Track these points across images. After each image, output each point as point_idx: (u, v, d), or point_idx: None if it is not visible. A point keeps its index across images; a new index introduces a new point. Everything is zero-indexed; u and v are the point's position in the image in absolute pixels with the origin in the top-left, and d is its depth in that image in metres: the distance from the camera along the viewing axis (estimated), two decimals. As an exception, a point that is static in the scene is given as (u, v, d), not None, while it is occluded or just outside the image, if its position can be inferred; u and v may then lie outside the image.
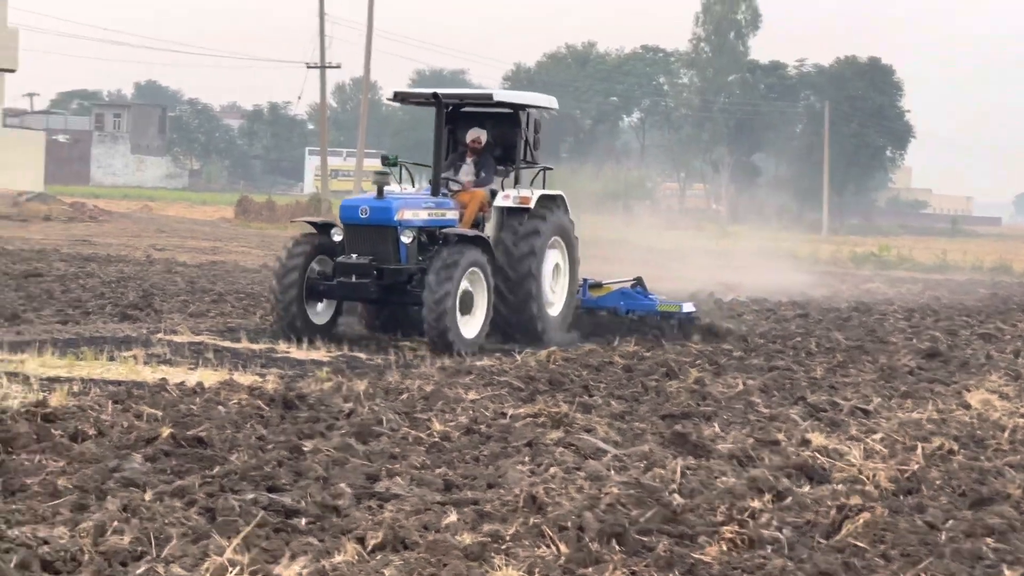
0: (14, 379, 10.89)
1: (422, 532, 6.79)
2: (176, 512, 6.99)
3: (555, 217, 15.25)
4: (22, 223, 41.05)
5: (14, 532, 6.45)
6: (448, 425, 9.81)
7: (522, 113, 15.48)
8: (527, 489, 7.70)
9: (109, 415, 9.42)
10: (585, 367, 13.23)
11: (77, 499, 7.23)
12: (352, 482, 7.94)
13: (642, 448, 9.16)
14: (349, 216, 14.11)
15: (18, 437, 8.55)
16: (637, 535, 6.88)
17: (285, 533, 6.79)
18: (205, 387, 10.84)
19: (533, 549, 6.53)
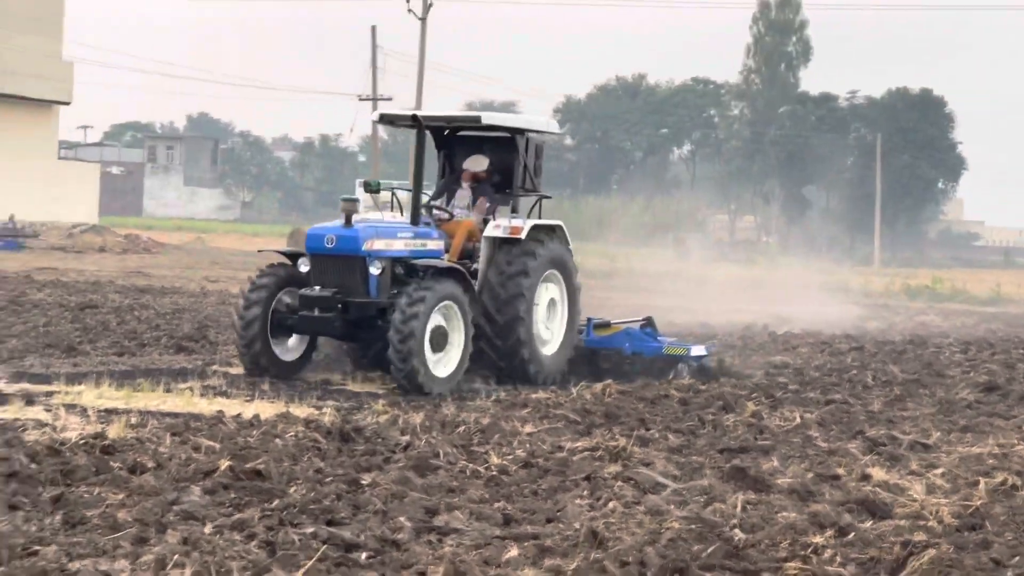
0: (72, 411, 10.97)
1: (483, 567, 6.75)
2: (236, 545, 6.97)
3: (550, 249, 14.21)
4: (77, 255, 41.51)
5: (76, 565, 6.44)
6: (506, 458, 9.80)
7: (520, 137, 14.43)
8: (587, 523, 7.65)
9: (167, 447, 9.44)
10: (641, 400, 13.14)
11: (137, 532, 7.21)
12: (411, 515, 7.90)
13: (701, 482, 9.11)
14: (315, 245, 13.09)
15: (77, 469, 8.60)
16: (699, 570, 6.79)
17: (345, 567, 6.76)
18: (262, 419, 10.86)
19: None
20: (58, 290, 25.73)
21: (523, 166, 14.35)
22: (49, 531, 7.16)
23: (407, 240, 13.42)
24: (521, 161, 14.34)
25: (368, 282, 12.97)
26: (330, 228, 13.17)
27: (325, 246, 12.92)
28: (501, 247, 13.80)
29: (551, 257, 14.12)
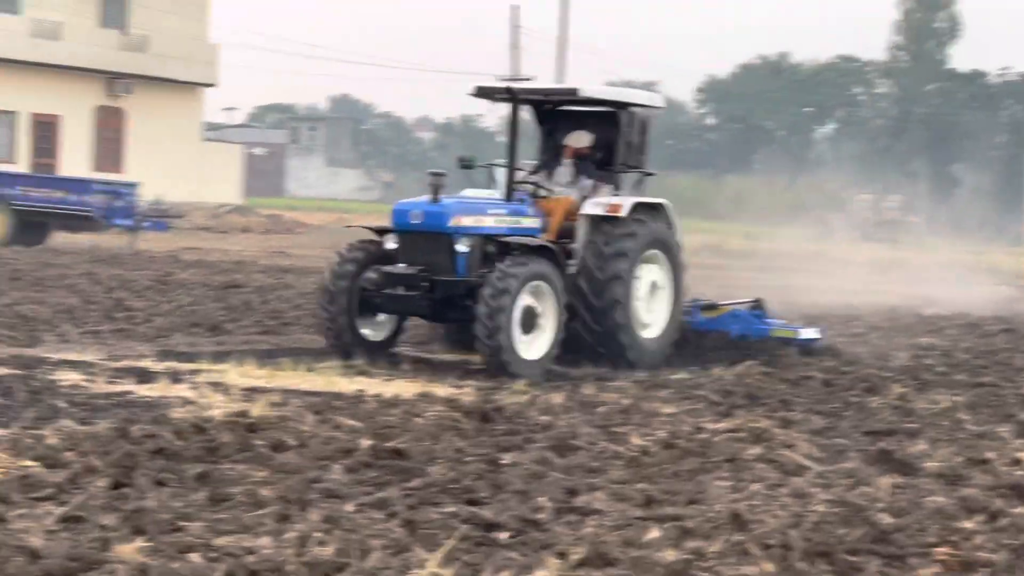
0: (216, 389, 11.23)
1: (624, 548, 6.75)
2: (377, 524, 7.08)
3: (651, 229, 13.63)
4: (221, 235, 41.65)
5: (220, 541, 6.58)
6: (646, 439, 9.78)
7: (623, 112, 13.80)
8: (729, 505, 7.65)
9: (309, 426, 9.60)
10: (783, 381, 13.04)
11: (280, 509, 7.35)
12: (551, 496, 7.94)
13: (846, 465, 9.02)
14: (401, 221, 12.79)
15: (222, 447, 8.83)
16: (845, 554, 6.75)
17: (486, 547, 6.83)
18: (403, 398, 11.01)
19: (737, 567, 6.44)
20: (203, 270, 25.93)
21: (626, 142, 13.76)
22: (194, 507, 7.30)
23: (499, 217, 13.05)
24: (624, 137, 13.74)
25: (455, 260, 12.64)
26: (416, 203, 12.90)
27: (411, 222, 12.65)
28: (600, 226, 13.25)
29: (653, 237, 13.63)
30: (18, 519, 6.88)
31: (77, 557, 6.17)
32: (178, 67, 46.79)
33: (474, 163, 13.32)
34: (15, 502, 7.18)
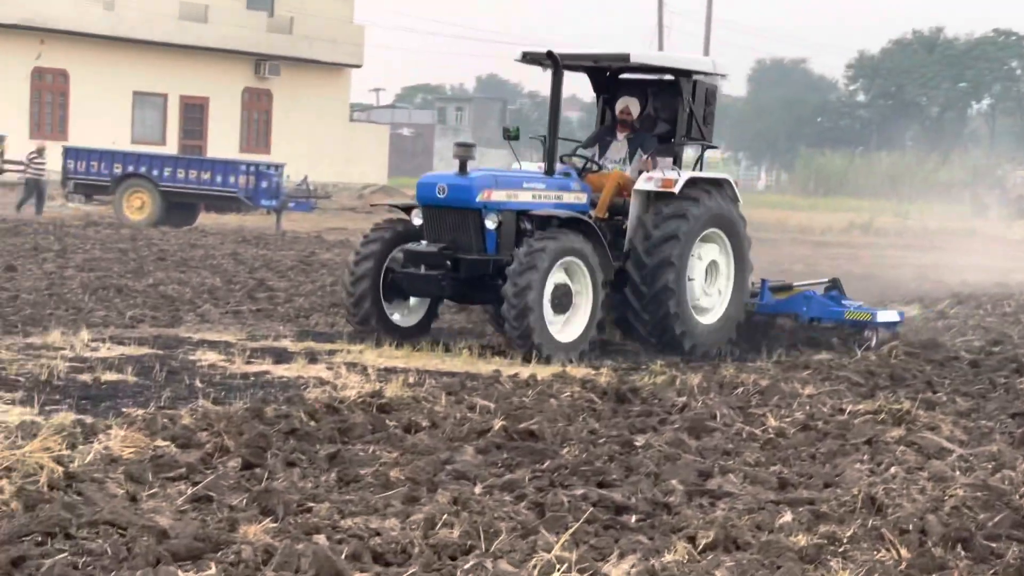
0: (353, 369, 11.33)
1: (755, 532, 6.74)
2: (505, 506, 7.14)
3: (709, 207, 12.75)
4: (367, 215, 43.60)
5: (347, 523, 6.67)
6: (784, 421, 9.75)
7: (685, 80, 12.95)
8: (866, 489, 7.59)
9: (442, 407, 9.68)
10: (929, 363, 12.84)
11: (408, 491, 7.40)
12: (684, 478, 7.92)
13: (990, 448, 8.92)
14: (426, 195, 12.07)
15: (354, 427, 8.91)
16: (985, 540, 6.65)
17: (614, 530, 6.85)
18: (538, 379, 11.04)
19: (872, 553, 6.42)
20: (346, 250, 26.04)
21: (688, 112, 13.00)
22: (324, 488, 7.40)
23: (537, 191, 12.30)
24: (686, 107, 12.96)
25: (484, 237, 11.96)
26: (442, 176, 12.49)
27: (436, 196, 11.92)
28: (652, 203, 12.59)
29: (712, 215, 12.80)
30: (149, 499, 7.01)
31: (204, 538, 6.21)
32: (324, 48, 47.50)
33: (518, 133, 12.45)
34: (147, 482, 7.28)
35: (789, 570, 6.08)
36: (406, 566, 6.08)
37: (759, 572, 6.07)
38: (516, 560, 6.18)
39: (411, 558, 6.19)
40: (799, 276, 19.18)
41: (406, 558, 6.22)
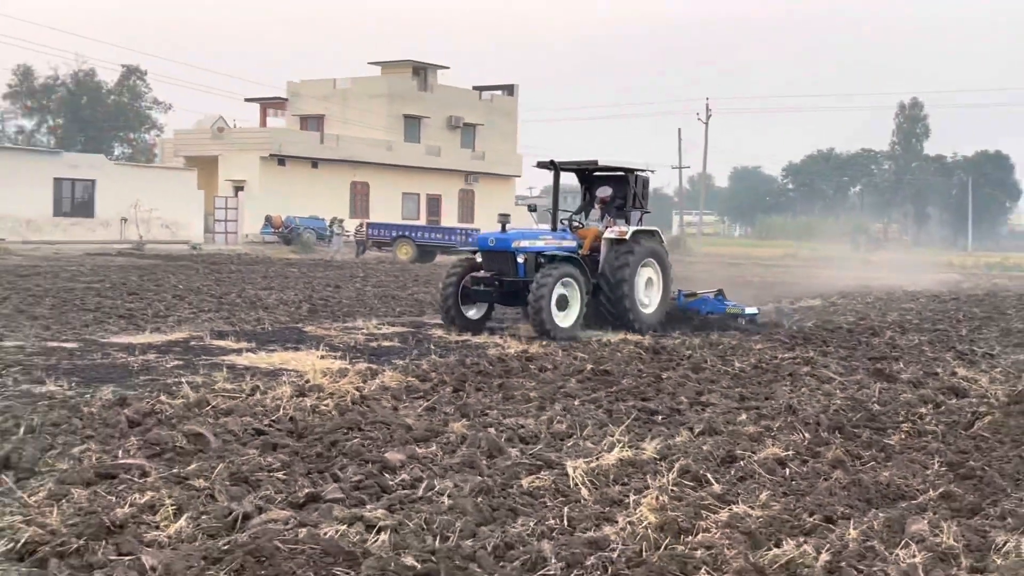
0: (514, 338, 14.12)
1: (725, 425, 8.65)
2: (590, 412, 8.70)
3: (648, 245, 16.03)
4: None
5: (506, 421, 8.21)
6: (743, 363, 12.36)
7: (630, 176, 16.60)
8: (787, 400, 9.71)
9: (560, 357, 11.86)
10: (825, 330, 16.63)
11: (539, 403, 9.02)
12: (688, 396, 9.96)
13: (856, 377, 11.47)
14: (483, 245, 15.69)
15: (512, 369, 10.86)
16: (851, 428, 8.41)
17: (649, 424, 8.46)
18: (612, 342, 13.62)
19: (789, 436, 8.07)
20: None
21: (634, 193, 16.56)
22: (494, 403, 9.09)
23: (546, 240, 15.73)
24: (632, 190, 16.52)
25: (517, 267, 15.19)
26: (492, 234, 15.59)
27: (489, 244, 15.53)
28: (613, 245, 15.79)
29: (648, 251, 15.99)
30: (403, 408, 8.69)
31: (431, 429, 7.79)
32: (501, 167, 66.75)
33: (536, 208, 17.28)
34: (402, 399, 9.09)
35: (744, 445, 7.51)
36: (535, 444, 7.55)
37: (727, 446, 7.45)
38: (595, 440, 7.59)
39: (539, 439, 7.67)
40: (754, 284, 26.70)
41: (536, 439, 7.72)
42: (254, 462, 6.57)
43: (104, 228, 42.64)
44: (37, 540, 4.87)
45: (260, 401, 8.73)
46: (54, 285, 20.61)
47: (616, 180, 16.89)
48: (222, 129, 57.58)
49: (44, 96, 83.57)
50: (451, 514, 5.51)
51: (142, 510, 5.44)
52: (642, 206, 16.66)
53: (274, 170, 55.87)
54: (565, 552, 4.81)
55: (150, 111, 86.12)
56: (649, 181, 16.88)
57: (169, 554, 4.65)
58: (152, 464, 6.49)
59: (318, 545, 4.78)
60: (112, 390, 9.07)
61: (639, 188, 16.72)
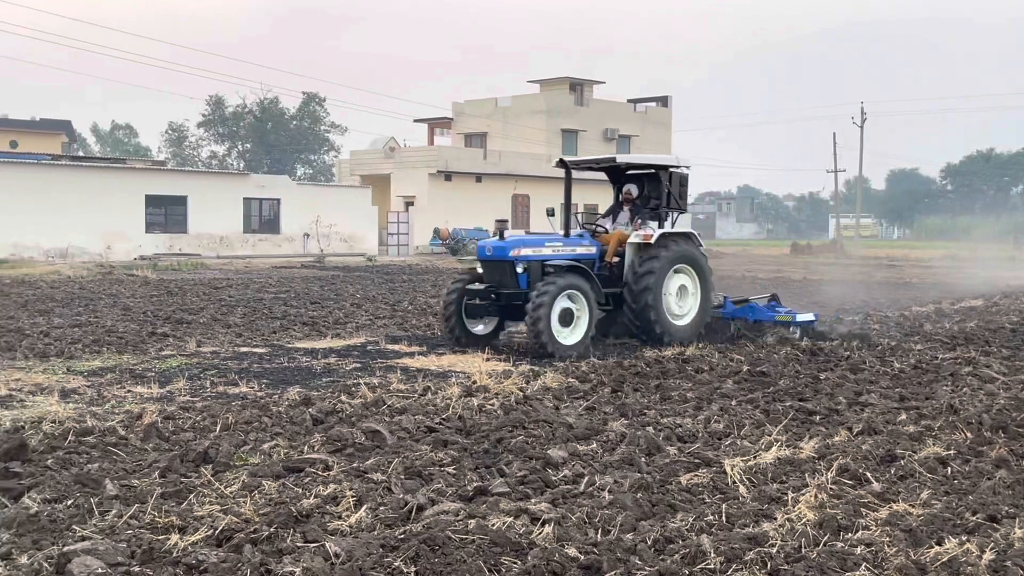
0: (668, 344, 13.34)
1: (885, 425, 8.23)
2: (748, 411, 8.58)
3: (680, 249, 13.88)
4: None
5: (664, 420, 8.14)
6: (903, 363, 11.77)
7: (663, 173, 14.38)
8: (948, 400, 9.12)
9: (715, 359, 11.70)
10: (986, 329, 15.55)
11: (696, 403, 8.94)
12: (846, 396, 9.59)
13: (1020, 377, 10.83)
14: (481, 254, 13.62)
15: (669, 370, 10.76)
16: (1015, 427, 8.02)
17: (807, 424, 8.24)
18: (768, 344, 13.49)
19: (950, 435, 7.74)
20: None
21: (667, 192, 14.32)
22: (652, 402, 9.00)
23: (555, 247, 13.61)
24: (665, 188, 14.29)
25: (518, 278, 13.23)
26: (490, 242, 13.55)
27: (487, 254, 13.50)
28: (638, 251, 13.74)
29: (680, 255, 13.84)
30: (564, 408, 8.75)
31: (591, 428, 7.81)
32: None
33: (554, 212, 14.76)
34: (563, 399, 9.17)
35: (904, 444, 7.25)
36: (693, 443, 7.51)
37: (886, 446, 7.18)
38: (753, 439, 7.47)
39: (697, 438, 7.62)
40: (913, 285, 24.74)
41: (694, 437, 7.65)
42: (426, 457, 6.75)
43: (288, 243, 44.50)
44: (233, 528, 5.08)
45: (431, 401, 9.00)
46: (244, 296, 21.34)
47: (648, 178, 14.91)
48: (393, 149, 59.27)
49: (234, 123, 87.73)
50: (612, 509, 5.50)
51: (326, 501, 5.62)
52: (679, 206, 14.61)
53: (441, 185, 57.72)
54: (724, 547, 4.75)
55: (328, 134, 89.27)
56: (688, 178, 14.68)
57: (351, 542, 4.81)
58: (334, 459, 6.72)
59: (487, 536, 4.84)
60: (298, 391, 9.51)
61: (675, 186, 14.55)
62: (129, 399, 9.22)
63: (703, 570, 4.56)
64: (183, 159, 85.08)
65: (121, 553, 4.73)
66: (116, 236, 37.97)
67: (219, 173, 53.76)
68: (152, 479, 6.17)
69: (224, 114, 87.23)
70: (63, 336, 13.85)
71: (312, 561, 4.31)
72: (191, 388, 9.95)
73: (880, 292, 25.80)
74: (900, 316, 18.14)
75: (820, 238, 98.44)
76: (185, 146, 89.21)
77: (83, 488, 5.91)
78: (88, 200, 37.53)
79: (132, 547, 4.86)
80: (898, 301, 20.24)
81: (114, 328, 14.91)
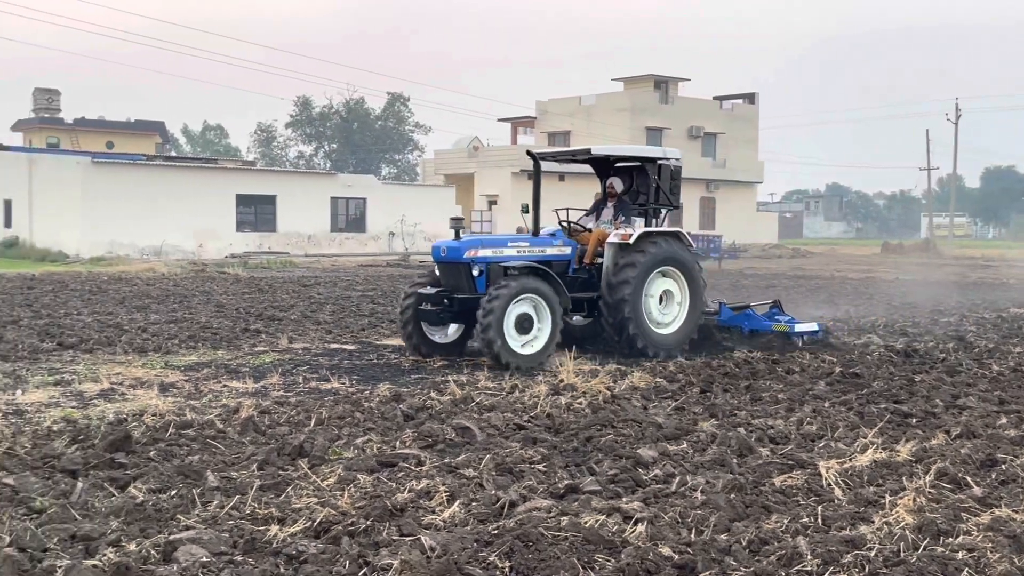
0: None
1: (984, 429, 7.99)
2: (841, 414, 8.45)
3: (663, 249, 12.57)
4: (766, 260, 47.58)
5: (755, 421, 8.02)
6: (1002, 365, 11.38)
7: (650, 165, 13.11)
8: None
9: (807, 360, 11.64)
10: None
11: (788, 404, 8.87)
12: (943, 398, 9.32)
13: None
14: (436, 255, 12.47)
15: (759, 372, 10.75)
16: None
17: (903, 427, 8.08)
18: (857, 343, 13.01)
19: None
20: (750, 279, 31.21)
21: (656, 186, 13.01)
22: (742, 404, 8.99)
23: (521, 247, 12.47)
24: (653, 183, 12.97)
25: (475, 281, 12.06)
26: (444, 242, 12.40)
27: (441, 255, 12.31)
28: (617, 251, 12.48)
29: (664, 257, 12.57)
30: (652, 408, 8.77)
31: (681, 428, 7.82)
32: (742, 174, 65.70)
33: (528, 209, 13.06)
34: (651, 399, 9.12)
35: (1005, 448, 7.09)
36: (786, 444, 7.43)
37: (986, 450, 7.03)
38: (847, 442, 7.38)
39: (789, 440, 7.53)
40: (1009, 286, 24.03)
41: (787, 439, 7.58)
42: (516, 454, 6.79)
43: (374, 241, 45.09)
44: (330, 520, 5.18)
45: (519, 399, 9.04)
46: (333, 293, 21.71)
47: (637, 172, 13.52)
48: (477, 148, 59.67)
49: (320, 123, 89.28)
50: (704, 509, 5.48)
51: (419, 495, 5.71)
52: (669, 202, 13.18)
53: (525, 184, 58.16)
54: (821, 549, 4.69)
55: (412, 134, 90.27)
56: (680, 171, 13.29)
57: (445, 536, 4.86)
58: (426, 454, 6.80)
59: (579, 533, 4.85)
60: (388, 387, 9.65)
61: (665, 180, 13.17)
62: (225, 393, 9.52)
63: (799, 572, 4.52)
64: (271, 159, 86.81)
65: (224, 543, 4.85)
66: (208, 234, 38.91)
67: (307, 173, 54.82)
68: (250, 471, 6.33)
69: (311, 115, 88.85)
70: (160, 332, 14.26)
71: (410, 554, 4.37)
72: (284, 383, 10.17)
73: (976, 293, 25.05)
74: (997, 318, 17.61)
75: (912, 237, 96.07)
76: (273, 146, 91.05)
77: (185, 479, 6.11)
78: (181, 199, 38.60)
79: (234, 537, 4.98)
80: (995, 302, 19.66)
81: (208, 324, 15.28)
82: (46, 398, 9.26)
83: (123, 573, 4.20)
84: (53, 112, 68.06)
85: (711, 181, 63.31)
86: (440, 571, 4.37)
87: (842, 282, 28.70)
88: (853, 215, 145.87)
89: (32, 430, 7.63)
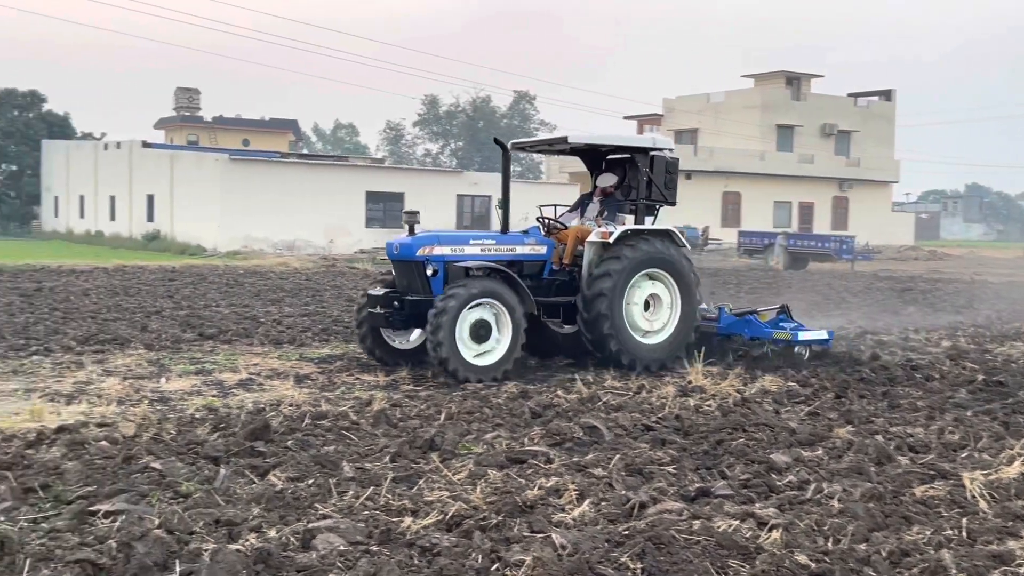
0: None
1: None
2: (985, 423, 8.26)
3: (649, 250, 11.56)
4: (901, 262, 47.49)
5: (894, 429, 7.84)
6: None
7: (641, 157, 12.05)
8: None
9: (947, 367, 11.29)
10: None
11: (927, 412, 8.68)
12: None
13: None
14: (390, 253, 11.47)
15: (896, 378, 10.39)
16: None
17: None
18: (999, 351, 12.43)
19: None
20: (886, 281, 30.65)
21: (647, 180, 11.91)
22: (879, 410, 8.78)
23: (485, 246, 11.42)
24: (644, 176, 11.87)
25: (429, 282, 11.02)
26: (397, 239, 11.37)
27: (395, 253, 11.31)
28: (598, 251, 11.46)
29: (651, 258, 11.53)
30: (784, 412, 8.58)
31: (815, 434, 7.63)
32: (877, 173, 64.18)
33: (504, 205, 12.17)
34: (783, 403, 8.94)
35: None
36: (927, 453, 7.24)
37: None
38: (992, 452, 7.19)
39: (930, 449, 7.29)
40: None
41: (928, 449, 7.28)
42: (645, 455, 6.79)
43: (499, 239, 45.90)
44: (462, 514, 5.27)
45: (646, 399, 9.04)
46: (459, 290, 21.95)
47: (628, 165, 12.37)
48: (602, 146, 59.92)
49: (447, 122, 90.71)
50: (842, 517, 5.38)
51: (549, 493, 5.75)
52: (664, 197, 12.04)
53: (650, 182, 57.18)
54: (967, 563, 4.54)
55: (538, 131, 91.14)
56: (677, 163, 12.19)
57: (576, 534, 4.88)
58: (554, 452, 6.83)
59: (712, 537, 4.83)
60: (515, 384, 9.69)
61: (658, 173, 11.99)
62: (358, 386, 9.72)
63: (944, 587, 4.19)
64: (399, 157, 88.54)
65: (360, 532, 4.99)
66: (338, 230, 39.98)
67: (434, 171, 55.84)
68: (384, 463, 6.49)
69: (438, 113, 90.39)
70: (294, 324, 14.59)
71: (542, 551, 4.42)
72: (414, 377, 10.30)
73: None
74: None
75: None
76: (401, 144, 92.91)
77: (322, 469, 6.28)
78: (313, 196, 39.81)
79: (370, 527, 5.11)
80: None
81: (340, 318, 15.54)
82: (188, 386, 9.62)
83: (265, 558, 4.33)
84: (193, 111, 70.81)
85: (844, 180, 62.83)
86: (572, 569, 4.38)
87: (983, 286, 27.55)
88: (994, 216, 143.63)
89: (176, 417, 7.92)
